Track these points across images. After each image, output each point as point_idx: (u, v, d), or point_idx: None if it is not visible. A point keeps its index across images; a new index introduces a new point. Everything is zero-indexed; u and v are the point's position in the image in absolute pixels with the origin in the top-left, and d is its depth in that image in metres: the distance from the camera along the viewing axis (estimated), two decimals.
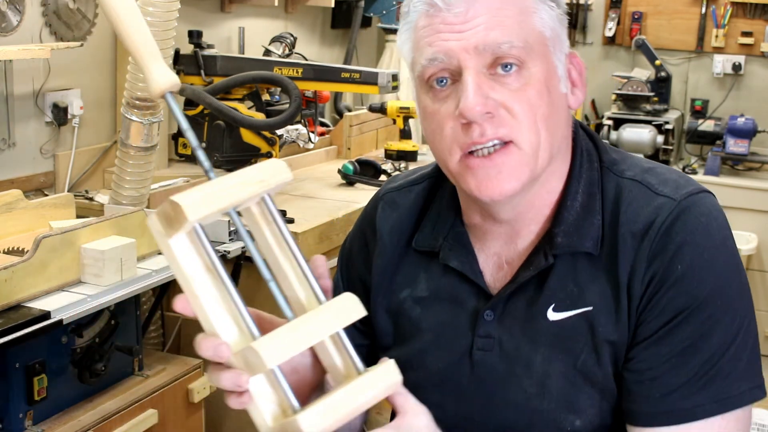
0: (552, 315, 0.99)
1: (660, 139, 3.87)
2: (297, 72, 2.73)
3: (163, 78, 0.80)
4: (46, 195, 2.34)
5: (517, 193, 0.95)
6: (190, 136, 0.81)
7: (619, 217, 0.98)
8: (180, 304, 0.79)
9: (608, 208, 0.99)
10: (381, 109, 3.15)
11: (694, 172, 3.92)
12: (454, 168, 0.96)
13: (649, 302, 0.95)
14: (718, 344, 0.93)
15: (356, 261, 1.16)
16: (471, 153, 0.94)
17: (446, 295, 1.06)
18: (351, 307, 0.83)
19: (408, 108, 3.16)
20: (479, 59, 0.92)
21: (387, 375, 0.84)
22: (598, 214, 0.99)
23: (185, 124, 0.82)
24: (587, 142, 1.05)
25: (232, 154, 2.72)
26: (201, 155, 0.80)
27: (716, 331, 0.93)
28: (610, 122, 3.95)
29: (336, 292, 0.94)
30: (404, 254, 1.10)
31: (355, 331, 1.10)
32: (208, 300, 0.78)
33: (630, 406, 0.97)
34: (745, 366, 0.95)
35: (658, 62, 4.05)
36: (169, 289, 2.35)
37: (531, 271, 0.99)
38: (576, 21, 4.36)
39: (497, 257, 1.04)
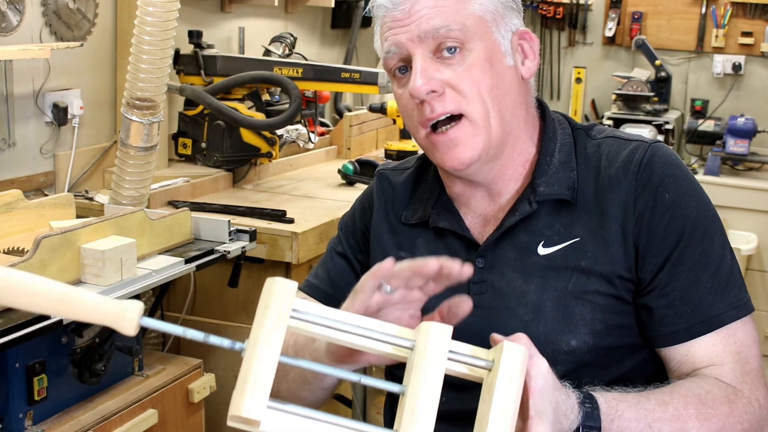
0: (542, 250, 1.12)
1: (660, 139, 3.87)
2: (297, 72, 2.73)
3: (128, 309, 0.75)
4: (46, 195, 2.34)
5: (476, 159, 1.10)
6: (192, 335, 0.77)
7: (600, 168, 1.14)
8: None
9: (587, 164, 1.15)
10: (381, 109, 3.14)
11: (695, 172, 3.91)
12: (423, 143, 1.13)
13: (650, 230, 1.09)
14: (718, 257, 1.10)
15: (357, 220, 1.30)
16: (434, 130, 1.10)
17: (443, 253, 1.17)
18: (439, 334, 0.81)
19: None
20: (424, 46, 1.07)
21: (512, 355, 0.81)
22: (573, 170, 1.14)
23: (179, 330, 0.77)
24: (557, 114, 1.22)
25: (232, 154, 2.71)
26: (215, 340, 0.77)
27: (713, 246, 1.10)
28: (610, 122, 3.95)
29: (334, 260, 1.27)
30: (398, 225, 1.24)
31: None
32: None
33: (666, 329, 1.09)
34: (740, 279, 1.11)
35: (658, 62, 4.05)
36: (169, 289, 2.35)
37: (516, 217, 1.13)
38: (576, 21, 4.36)
39: (482, 217, 1.19)
